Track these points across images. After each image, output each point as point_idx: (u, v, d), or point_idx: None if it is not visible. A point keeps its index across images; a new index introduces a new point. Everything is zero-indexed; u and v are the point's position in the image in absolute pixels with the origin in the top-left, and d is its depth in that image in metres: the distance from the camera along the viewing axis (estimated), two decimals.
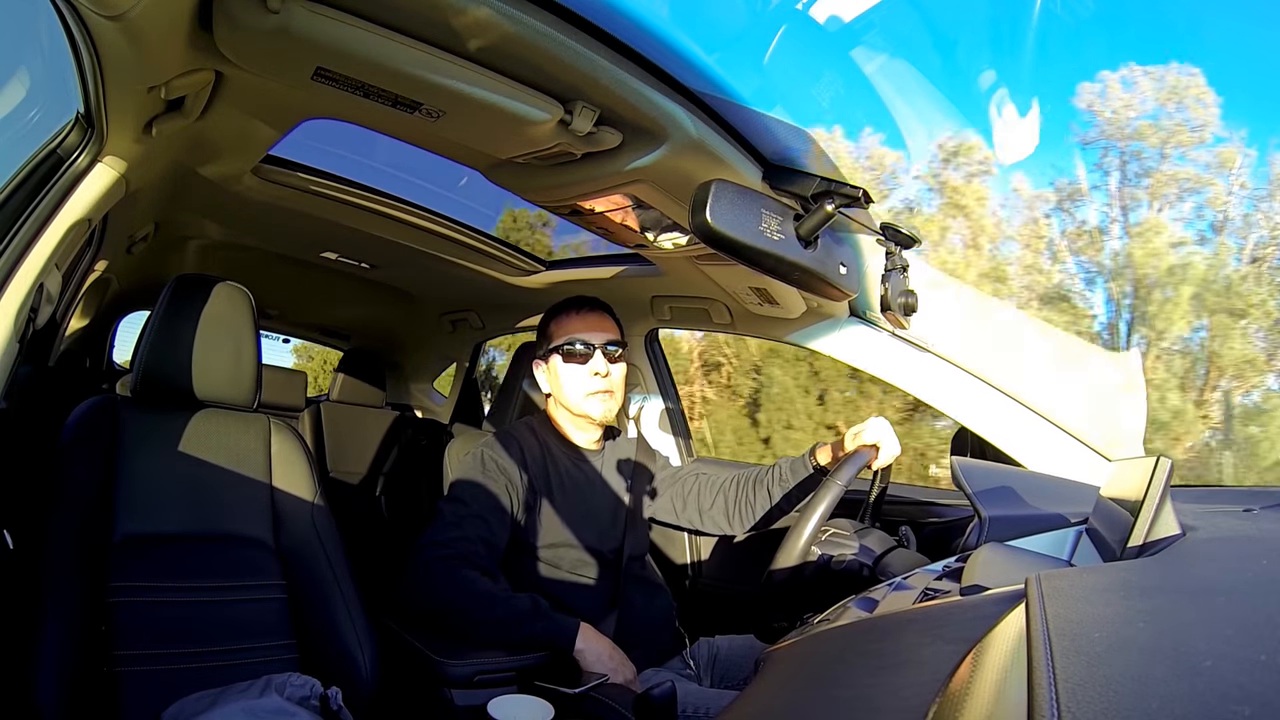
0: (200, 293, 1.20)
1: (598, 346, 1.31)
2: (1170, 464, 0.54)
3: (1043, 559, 0.71)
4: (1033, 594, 0.42)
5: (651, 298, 1.80)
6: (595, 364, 1.31)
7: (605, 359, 1.31)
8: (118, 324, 3.42)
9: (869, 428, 1.21)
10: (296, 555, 1.20)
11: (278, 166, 1.49)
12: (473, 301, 2.44)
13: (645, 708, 0.75)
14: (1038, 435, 1.30)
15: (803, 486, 1.32)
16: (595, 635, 1.12)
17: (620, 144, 1.06)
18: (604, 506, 1.35)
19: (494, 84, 0.92)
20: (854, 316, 1.49)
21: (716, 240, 0.88)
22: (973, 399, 1.36)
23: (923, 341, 1.38)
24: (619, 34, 0.87)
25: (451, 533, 1.17)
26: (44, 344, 2.08)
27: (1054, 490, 0.99)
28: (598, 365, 1.31)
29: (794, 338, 1.59)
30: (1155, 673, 0.29)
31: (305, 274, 2.34)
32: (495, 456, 1.27)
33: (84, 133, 0.95)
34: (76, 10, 0.69)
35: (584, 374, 1.31)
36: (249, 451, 1.24)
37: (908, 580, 0.75)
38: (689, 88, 0.97)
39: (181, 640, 1.04)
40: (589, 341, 1.31)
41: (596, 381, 1.31)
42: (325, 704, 0.92)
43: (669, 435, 2.00)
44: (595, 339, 1.32)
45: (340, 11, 0.79)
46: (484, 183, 1.30)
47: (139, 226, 1.81)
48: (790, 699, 0.52)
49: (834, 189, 0.97)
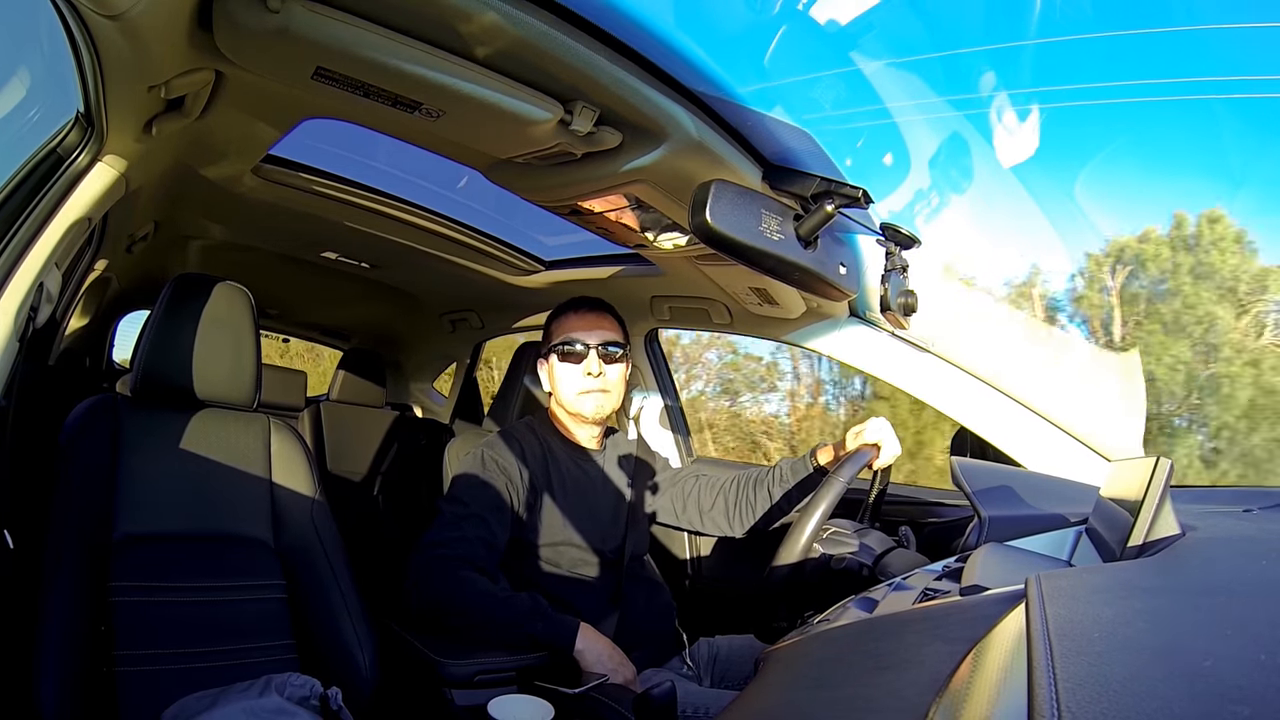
0: (200, 293, 1.20)
1: (593, 346, 1.32)
2: (1170, 464, 0.54)
3: (1043, 559, 0.71)
4: (1033, 594, 0.42)
5: (651, 298, 1.80)
6: (589, 364, 1.31)
7: (600, 359, 1.32)
8: (118, 323, 3.42)
9: (869, 427, 1.21)
10: (296, 555, 1.20)
11: (278, 166, 1.49)
12: (473, 301, 2.44)
13: (645, 708, 0.75)
14: (1038, 435, 1.30)
15: (803, 486, 1.32)
16: (595, 635, 1.12)
17: (620, 144, 1.06)
18: (605, 506, 1.35)
19: (494, 84, 0.92)
20: (854, 316, 1.49)
21: (716, 240, 0.88)
22: (972, 399, 1.36)
23: (923, 341, 1.38)
24: (619, 34, 0.87)
25: (452, 533, 1.17)
26: (44, 343, 2.08)
27: (1054, 490, 0.99)
28: (591, 365, 1.31)
29: (794, 338, 1.59)
30: (1155, 673, 0.29)
31: (305, 274, 2.34)
32: (496, 456, 1.27)
33: (84, 132, 0.95)
34: (76, 10, 0.69)
35: (577, 373, 1.32)
36: (249, 451, 1.24)
37: (908, 580, 0.75)
38: (689, 88, 0.97)
39: (181, 640, 1.04)
40: (585, 341, 1.32)
41: (589, 381, 1.31)
42: (325, 704, 0.92)
43: (669, 435, 2.00)
44: (591, 339, 1.32)
45: (340, 11, 0.79)
46: (484, 183, 1.30)
47: (139, 226, 1.81)
48: (790, 699, 0.52)
49: (834, 189, 0.97)
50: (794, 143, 1.08)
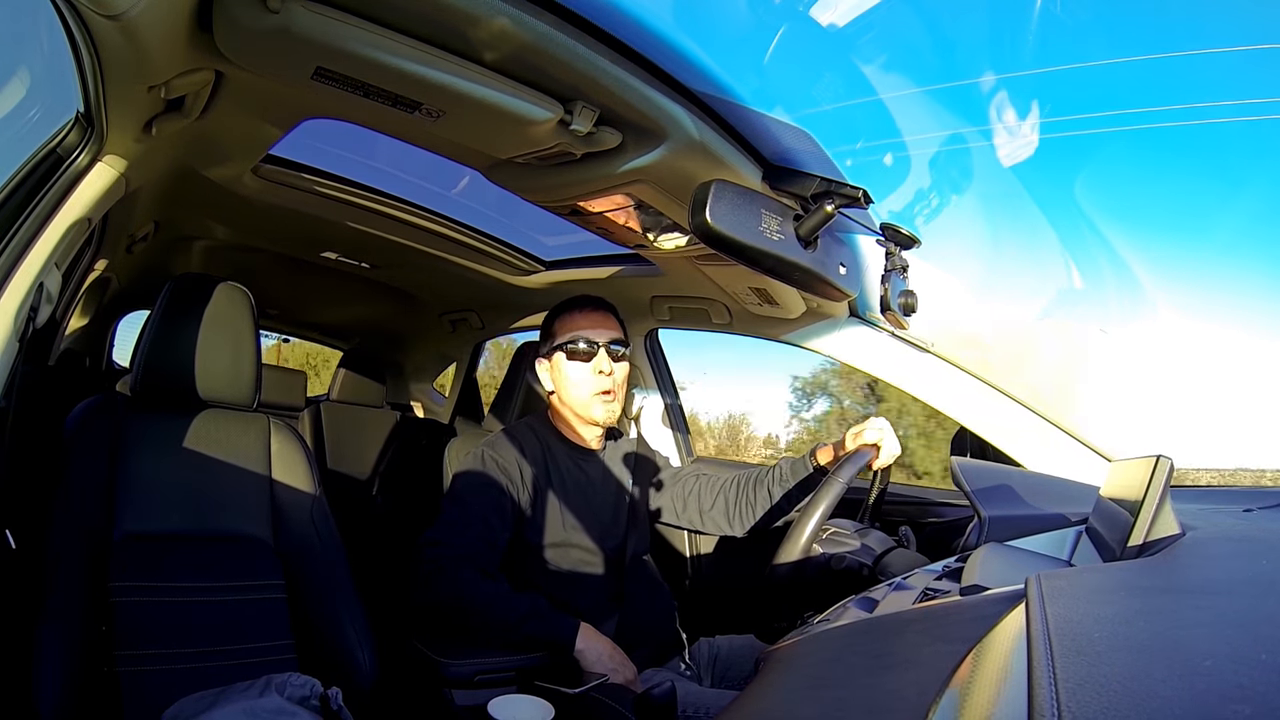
0: (200, 293, 1.20)
1: (602, 345, 1.31)
2: (1170, 464, 0.54)
3: (1043, 559, 0.71)
4: (1033, 594, 0.42)
5: (651, 298, 1.80)
6: (599, 362, 1.31)
7: (609, 357, 1.31)
8: (118, 324, 3.42)
9: (869, 428, 1.21)
10: (296, 555, 1.20)
11: (278, 166, 1.49)
12: (473, 301, 2.44)
13: (645, 708, 0.75)
14: (1038, 435, 1.30)
15: (803, 486, 1.32)
16: (596, 635, 1.12)
17: (620, 144, 1.06)
18: (606, 505, 1.35)
19: (494, 84, 0.92)
20: (854, 316, 1.49)
21: (716, 240, 0.88)
22: (972, 399, 1.36)
23: (923, 342, 1.39)
24: (619, 34, 0.87)
25: (453, 532, 1.17)
26: (44, 343, 2.08)
27: (1054, 490, 0.99)
28: (602, 364, 1.31)
29: (794, 338, 1.59)
30: (1155, 672, 0.29)
31: (305, 274, 2.34)
32: (497, 456, 1.27)
33: (84, 132, 0.95)
34: (76, 10, 0.69)
35: (588, 372, 1.31)
36: (249, 451, 1.24)
37: (908, 580, 0.75)
38: (689, 88, 0.97)
39: (181, 640, 1.04)
40: (593, 339, 1.31)
41: (601, 380, 1.31)
42: (325, 704, 0.92)
43: (669, 435, 2.00)
44: (600, 337, 1.32)
45: (340, 11, 0.79)
46: (484, 183, 1.30)
47: (139, 226, 1.81)
48: (790, 699, 0.52)
49: (834, 189, 0.97)
50: (794, 143, 1.08)
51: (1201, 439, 1.24)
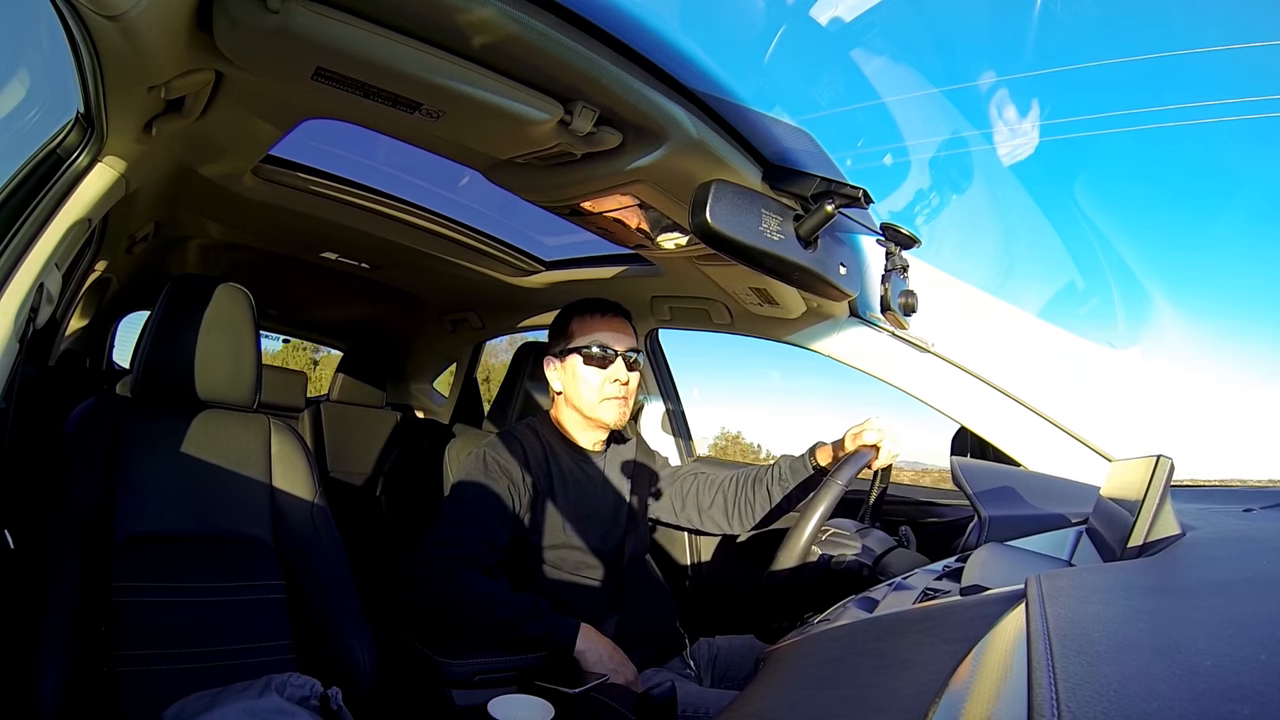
0: (200, 293, 1.20)
1: (620, 353, 1.31)
2: (1171, 464, 0.54)
3: (1043, 559, 0.71)
4: (1033, 594, 0.42)
5: (651, 298, 1.80)
6: (616, 370, 1.30)
7: (625, 366, 1.31)
8: (118, 324, 3.42)
9: (869, 429, 1.21)
10: (296, 555, 1.20)
11: (278, 166, 1.49)
12: (473, 301, 2.44)
13: (645, 708, 0.75)
14: (1038, 435, 1.30)
15: (803, 486, 1.32)
16: (596, 635, 1.12)
17: (620, 144, 1.06)
18: (606, 506, 1.35)
19: (494, 84, 0.92)
20: (854, 316, 1.49)
21: (716, 240, 0.88)
22: (973, 399, 1.36)
23: (923, 341, 1.38)
24: (619, 34, 0.87)
25: (453, 532, 1.17)
26: (44, 344, 2.09)
27: (1054, 490, 0.99)
28: (619, 372, 1.30)
29: (794, 338, 1.59)
30: (1155, 673, 0.29)
31: (305, 274, 2.34)
32: (497, 457, 1.27)
33: (84, 133, 0.95)
34: (76, 10, 0.69)
35: (604, 379, 1.30)
36: (249, 452, 1.24)
37: (908, 580, 0.75)
38: (689, 88, 0.96)
39: (181, 640, 1.04)
40: (613, 347, 1.31)
41: (615, 388, 1.30)
42: (325, 704, 0.92)
43: (670, 436, 2.00)
44: (619, 344, 1.31)
45: (340, 11, 0.79)
46: (484, 183, 1.30)
47: (139, 226, 1.81)
48: (790, 699, 0.52)
49: (834, 189, 0.97)
50: (794, 143, 1.08)
51: (1201, 441, 1.24)
